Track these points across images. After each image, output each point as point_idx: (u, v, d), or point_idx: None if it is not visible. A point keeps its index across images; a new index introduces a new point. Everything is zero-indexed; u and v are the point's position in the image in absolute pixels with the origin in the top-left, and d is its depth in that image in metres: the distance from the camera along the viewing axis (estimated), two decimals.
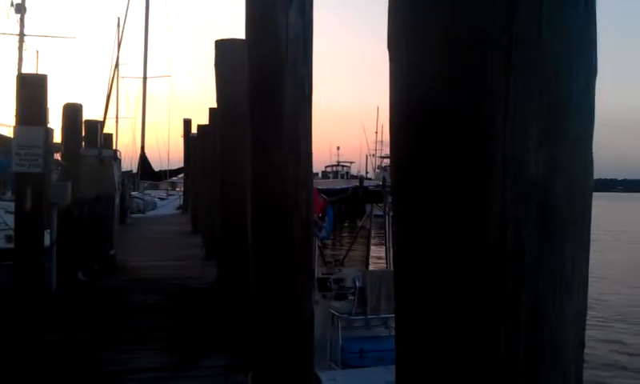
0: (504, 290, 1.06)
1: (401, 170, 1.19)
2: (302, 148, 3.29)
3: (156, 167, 30.85)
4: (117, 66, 26.39)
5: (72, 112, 12.24)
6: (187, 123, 24.96)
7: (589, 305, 1.17)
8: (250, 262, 3.47)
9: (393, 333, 3.94)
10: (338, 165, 60.16)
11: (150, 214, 24.62)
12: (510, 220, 1.05)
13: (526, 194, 1.05)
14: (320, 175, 57.52)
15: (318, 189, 10.43)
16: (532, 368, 1.07)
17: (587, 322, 1.17)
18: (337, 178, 54.77)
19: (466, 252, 1.07)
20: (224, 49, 5.50)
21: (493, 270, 1.06)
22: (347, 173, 56.77)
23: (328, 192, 13.57)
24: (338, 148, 62.15)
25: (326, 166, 61.51)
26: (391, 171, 1.30)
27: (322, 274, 9.93)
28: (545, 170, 1.05)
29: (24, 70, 21.02)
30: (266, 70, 3.28)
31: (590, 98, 1.12)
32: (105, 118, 20.08)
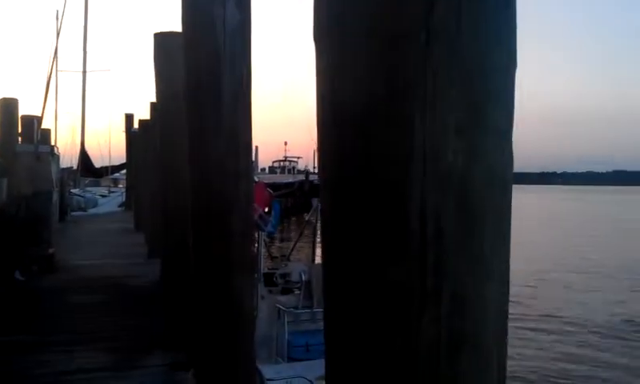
0: (425, 279, 1.08)
1: (325, 163, 1.20)
2: (241, 141, 3.26)
3: (97, 163, 30.13)
4: (55, 58, 25.52)
5: (8, 107, 11.81)
6: (129, 118, 24.42)
7: None
8: (190, 259, 3.43)
9: None
10: (285, 160, 60.09)
11: (92, 211, 24.03)
12: (430, 210, 1.07)
13: (445, 184, 1.07)
14: (267, 170, 57.30)
15: (264, 183, 10.42)
16: (453, 353, 1.10)
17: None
18: (284, 172, 54.69)
19: (389, 243, 1.09)
20: (162, 42, 5.39)
21: (414, 260, 1.07)
22: (294, 167, 56.77)
23: (274, 186, 13.56)
24: (286, 143, 62.04)
25: (274, 161, 61.35)
26: (318, 165, 1.31)
27: (269, 268, 9.95)
28: (464, 160, 1.08)
29: None
30: (203, 63, 3.24)
31: (509, 90, 1.15)
32: (43, 113, 19.44)
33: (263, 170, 55.43)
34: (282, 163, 59.90)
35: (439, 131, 1.06)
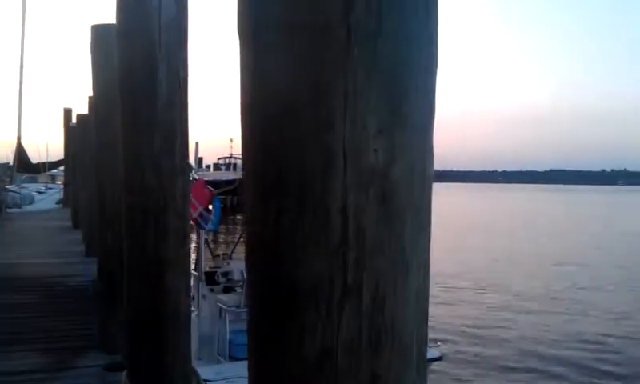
0: (346, 276, 1.08)
1: (248, 159, 1.19)
2: (178, 138, 3.20)
3: (34, 159, 29.12)
4: None
5: None
6: (67, 113, 23.64)
7: None
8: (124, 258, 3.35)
9: None
10: (230, 157, 59.38)
11: (28, 208, 23.21)
12: (351, 208, 1.07)
13: (367, 181, 1.08)
14: (212, 167, 56.58)
15: (205, 180, 10.28)
16: (374, 348, 1.11)
17: None
18: (229, 169, 54.15)
19: (310, 240, 1.09)
20: (99, 33, 5.23)
21: (335, 257, 1.08)
22: (236, 165, 56.08)
23: (215, 184, 13.41)
24: (232, 140, 61.34)
25: (219, 158, 60.62)
26: (242, 161, 1.30)
27: (210, 267, 9.84)
28: (384, 158, 1.09)
29: None
30: (137, 56, 3.15)
31: (429, 88, 1.17)
32: None
33: (208, 167, 54.71)
34: (227, 160, 59.23)
35: (360, 129, 1.07)
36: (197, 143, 13.95)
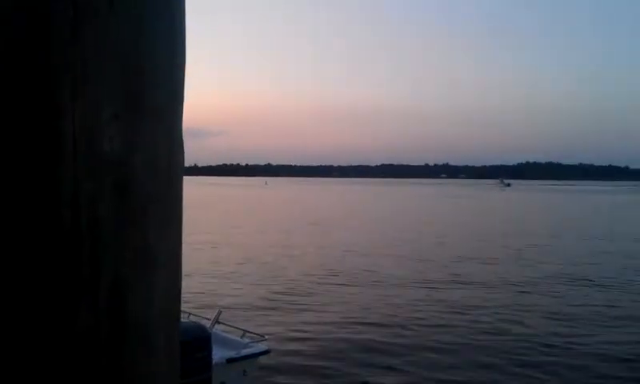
0: (80, 271, 1.02)
1: None
2: None
3: None
4: None
5: None
6: None
7: None
8: None
9: None
10: None
11: None
12: (84, 198, 1.01)
13: (101, 170, 1.02)
14: None
15: None
16: (115, 345, 1.06)
17: None
18: None
19: (40, 234, 1.01)
20: None
21: (67, 252, 1.01)
22: None
23: None
24: None
25: None
26: None
27: None
28: (122, 145, 1.04)
29: None
30: None
31: (174, 74, 1.14)
32: None
33: None
34: None
35: (93, 115, 1.01)
36: None
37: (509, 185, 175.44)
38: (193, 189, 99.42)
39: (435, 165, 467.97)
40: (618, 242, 29.68)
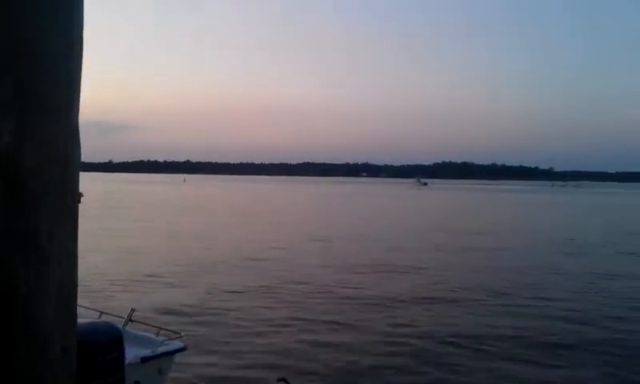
0: None
1: None
2: None
3: None
4: None
5: None
6: None
7: None
8: None
9: None
10: None
11: None
12: None
13: None
14: None
15: None
16: (7, 342, 1.02)
17: None
18: None
19: None
20: None
21: None
22: None
23: None
24: None
25: None
26: None
27: None
28: (12, 138, 1.01)
29: None
30: None
31: (69, 68, 1.11)
32: None
33: None
34: None
35: None
36: None
37: (425, 184, 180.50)
38: (100, 186, 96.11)
39: (356, 164, 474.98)
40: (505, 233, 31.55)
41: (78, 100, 1.15)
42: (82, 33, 1.14)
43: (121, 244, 25.48)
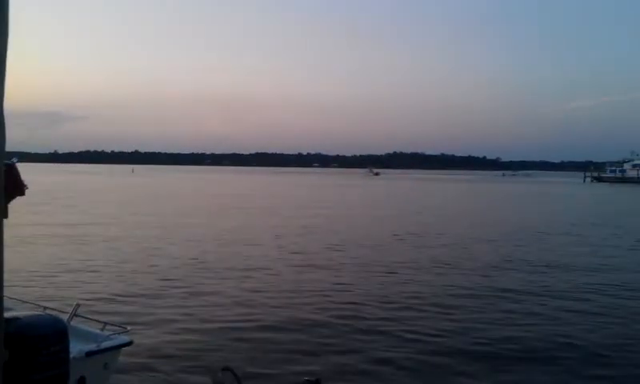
0: None
1: None
2: None
3: None
4: None
5: None
6: None
7: None
8: None
9: None
10: None
11: None
12: None
13: None
14: None
15: None
16: None
17: None
18: None
19: None
20: None
21: None
22: None
23: None
24: None
25: None
26: None
27: None
28: None
29: None
30: None
31: None
32: None
33: None
34: None
35: None
36: None
37: (377, 173, 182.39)
38: (44, 178, 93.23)
39: (308, 154, 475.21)
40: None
41: (3, 88, 1.16)
42: (7, 18, 1.15)
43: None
